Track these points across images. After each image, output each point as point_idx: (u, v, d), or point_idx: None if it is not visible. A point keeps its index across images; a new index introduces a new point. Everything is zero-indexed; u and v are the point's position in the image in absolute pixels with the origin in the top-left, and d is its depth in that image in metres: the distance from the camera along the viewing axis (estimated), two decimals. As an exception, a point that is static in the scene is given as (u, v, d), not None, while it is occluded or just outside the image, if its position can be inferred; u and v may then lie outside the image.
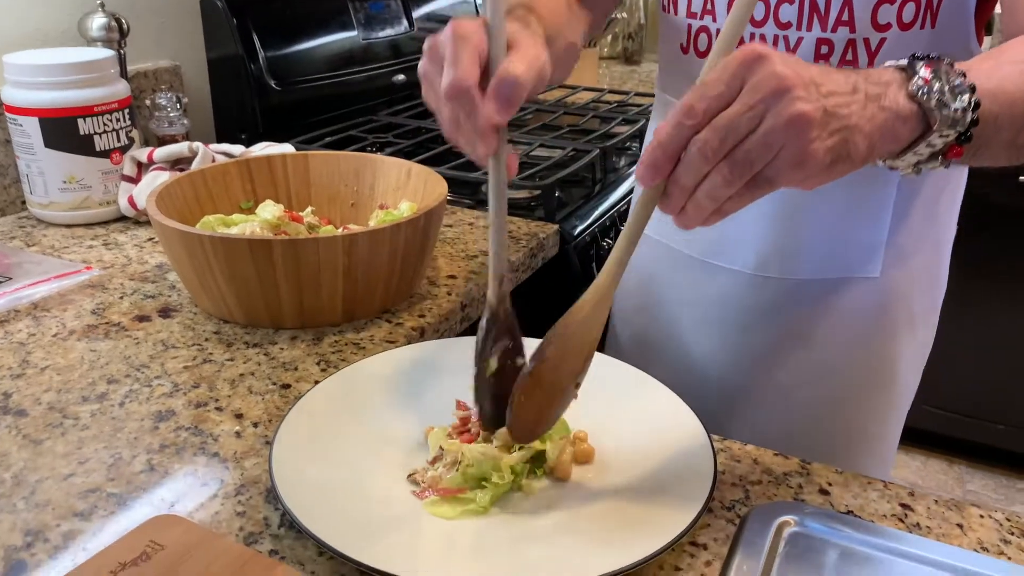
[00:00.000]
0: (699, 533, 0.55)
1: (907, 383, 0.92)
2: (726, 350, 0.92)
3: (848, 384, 0.89)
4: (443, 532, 0.53)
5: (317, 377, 0.73)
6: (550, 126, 1.52)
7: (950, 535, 0.55)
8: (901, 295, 0.86)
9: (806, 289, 0.86)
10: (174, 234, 0.78)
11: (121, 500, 0.58)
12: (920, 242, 0.85)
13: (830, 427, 0.91)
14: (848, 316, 0.86)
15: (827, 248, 0.84)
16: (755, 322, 0.89)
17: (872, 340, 0.88)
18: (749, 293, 0.88)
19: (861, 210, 0.82)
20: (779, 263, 0.85)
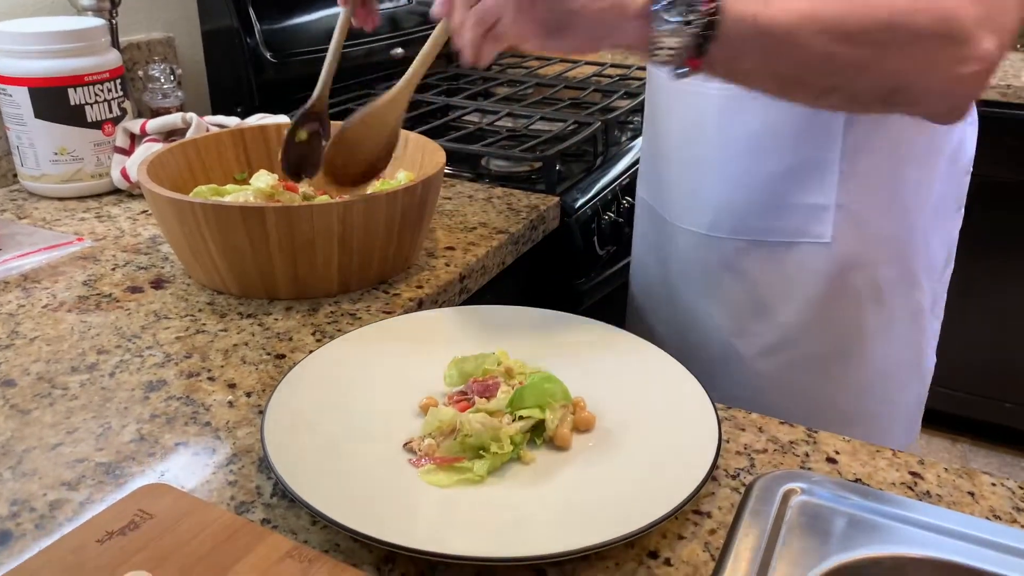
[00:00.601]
0: (703, 501, 0.53)
1: (880, 359, 0.88)
2: (691, 316, 0.94)
3: (808, 355, 0.88)
4: (439, 500, 0.51)
5: (312, 347, 0.71)
6: (551, 99, 1.49)
7: (961, 503, 0.54)
8: (860, 263, 0.84)
9: (757, 251, 0.86)
10: (165, 202, 0.76)
11: (110, 470, 0.56)
12: (879, 209, 0.83)
13: (795, 400, 0.89)
14: (801, 282, 0.86)
15: (775, 209, 0.84)
16: (713, 286, 0.90)
17: (830, 309, 0.86)
18: (705, 254, 0.90)
19: (806, 171, 0.82)
20: (730, 223, 0.87)
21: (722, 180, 0.86)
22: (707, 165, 0.87)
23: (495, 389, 0.59)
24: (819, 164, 0.81)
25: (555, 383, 0.59)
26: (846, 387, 0.89)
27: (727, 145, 0.85)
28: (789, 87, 0.65)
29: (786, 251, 0.85)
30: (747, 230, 0.87)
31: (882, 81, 0.62)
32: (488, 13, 0.62)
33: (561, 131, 1.28)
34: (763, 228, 0.86)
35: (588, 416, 0.59)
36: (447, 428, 0.56)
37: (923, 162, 0.83)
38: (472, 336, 0.69)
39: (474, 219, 1.00)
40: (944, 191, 0.87)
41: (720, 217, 0.88)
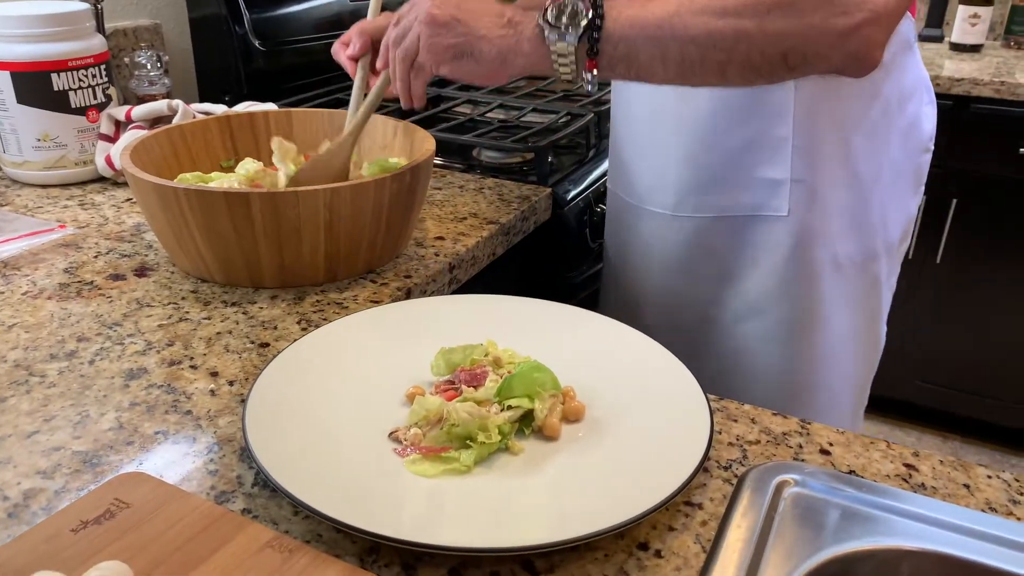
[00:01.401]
0: (695, 493, 0.52)
1: (839, 328, 0.91)
2: (666, 290, 0.98)
3: (775, 322, 0.91)
4: (424, 490, 0.50)
5: (297, 336, 0.70)
6: (543, 91, 1.48)
7: (956, 495, 0.53)
8: (819, 236, 0.87)
9: (720, 227, 0.91)
10: (148, 188, 0.75)
11: (87, 459, 0.55)
12: (837, 183, 0.86)
13: (769, 370, 0.93)
14: (763, 254, 0.90)
15: (734, 185, 0.88)
16: (683, 263, 0.95)
17: (792, 280, 0.89)
18: (671, 235, 0.94)
19: (761, 146, 0.86)
20: (693, 202, 0.91)
21: (683, 161, 0.90)
22: (668, 147, 0.91)
23: (483, 378, 0.58)
24: (773, 139, 0.85)
25: (544, 372, 0.58)
26: (809, 355, 0.93)
27: (685, 126, 0.89)
28: (688, 70, 0.69)
29: (747, 225, 0.90)
30: (709, 207, 0.91)
31: (770, 46, 0.66)
32: (408, 49, 0.75)
33: (553, 123, 1.27)
34: (724, 205, 0.90)
35: (578, 406, 0.57)
36: (434, 417, 0.54)
37: (874, 135, 0.86)
38: (460, 325, 0.67)
39: (464, 209, 0.99)
40: (900, 167, 0.90)
41: (683, 197, 0.92)
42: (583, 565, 0.46)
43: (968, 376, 2.10)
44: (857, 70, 0.71)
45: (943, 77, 1.87)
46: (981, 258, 1.99)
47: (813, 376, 0.94)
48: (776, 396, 0.94)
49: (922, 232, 1.99)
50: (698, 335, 0.97)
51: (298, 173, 0.83)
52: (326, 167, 0.83)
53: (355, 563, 0.46)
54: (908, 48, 0.88)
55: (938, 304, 2.06)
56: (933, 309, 2.06)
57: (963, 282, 2.03)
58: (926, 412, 2.21)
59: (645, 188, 0.96)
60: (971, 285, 2.02)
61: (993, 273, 2.00)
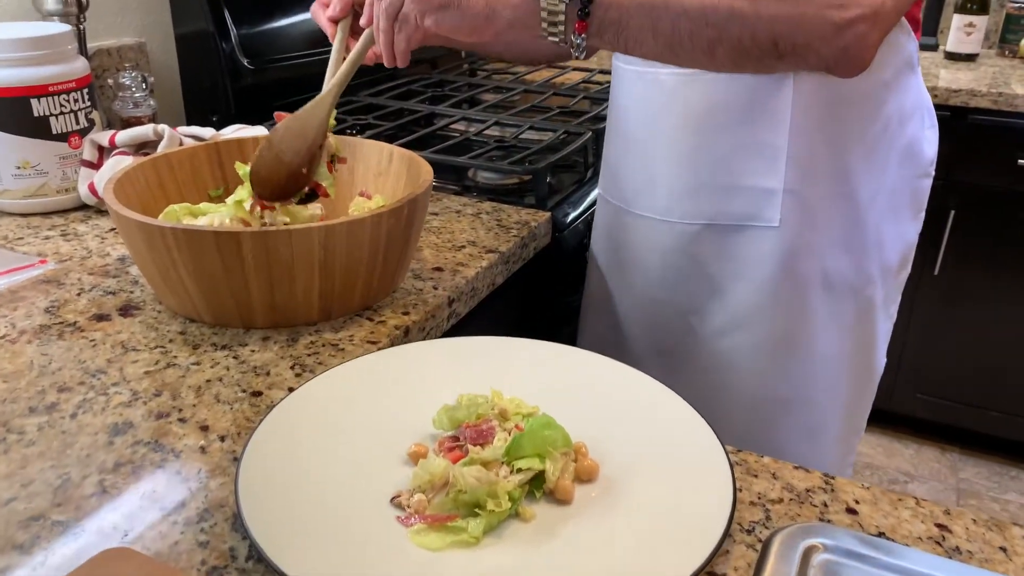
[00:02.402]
0: (718, 561, 0.49)
1: (826, 349, 0.89)
2: (649, 299, 0.96)
3: (757, 338, 0.89)
4: (430, 567, 0.47)
5: (291, 383, 0.67)
6: (539, 107, 1.45)
7: (993, 560, 0.50)
8: (809, 251, 0.85)
9: (709, 236, 0.88)
10: (133, 225, 0.71)
11: (68, 529, 0.51)
12: (831, 198, 0.84)
13: (745, 382, 0.90)
14: (751, 266, 0.87)
15: (724, 192, 0.86)
16: (669, 271, 0.92)
17: (778, 294, 0.87)
18: (660, 240, 0.92)
19: (754, 153, 0.83)
20: (682, 207, 0.88)
21: (674, 163, 0.87)
22: (659, 148, 0.89)
23: (490, 435, 0.55)
24: (767, 146, 0.82)
25: (555, 429, 0.54)
26: (789, 375, 0.90)
27: (677, 126, 0.86)
28: (677, 44, 0.69)
29: (737, 234, 0.87)
30: (699, 214, 0.88)
31: (762, 29, 0.67)
32: (392, 3, 0.75)
33: (551, 141, 1.24)
34: (714, 212, 0.87)
35: (591, 464, 0.54)
36: (439, 482, 0.51)
37: (873, 154, 0.84)
38: (463, 371, 0.64)
39: (462, 237, 0.96)
40: (898, 189, 0.87)
41: (673, 202, 0.89)
42: (604, 650, 0.43)
43: (967, 388, 2.08)
44: (847, 68, 0.70)
45: (940, 88, 1.86)
46: (979, 270, 1.98)
47: (796, 395, 0.91)
48: (757, 414, 0.92)
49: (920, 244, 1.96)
50: (680, 348, 0.94)
51: (271, 134, 0.79)
52: (301, 128, 0.79)
53: (358, 651, 0.43)
54: (910, 68, 0.85)
55: (936, 316, 2.04)
56: (931, 321, 2.05)
57: (961, 294, 2.01)
58: (925, 424, 2.19)
59: (634, 191, 0.94)
60: (969, 297, 2.01)
61: (992, 284, 1.98)
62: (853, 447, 1.00)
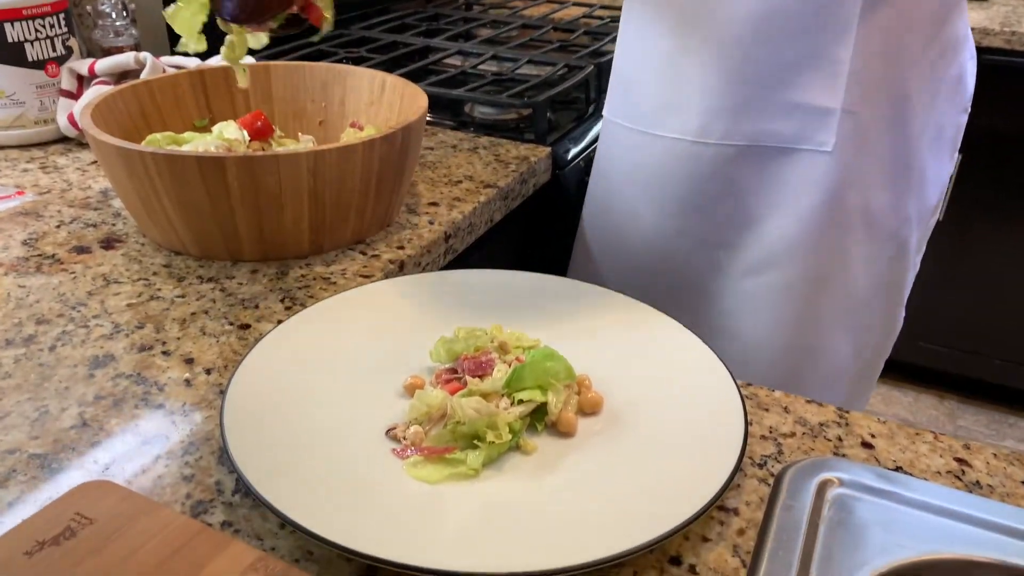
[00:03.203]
0: (728, 496, 0.47)
1: (860, 289, 0.84)
2: (675, 234, 0.86)
3: (794, 278, 0.82)
4: (427, 500, 0.44)
5: (281, 316, 0.64)
6: (537, 41, 1.40)
7: (1015, 494, 0.48)
8: (856, 182, 0.78)
9: (748, 159, 0.79)
10: (112, 151, 0.68)
11: (45, 463, 0.49)
12: (886, 125, 0.77)
13: (775, 331, 0.84)
14: (794, 195, 0.79)
15: (773, 109, 0.76)
16: (696, 199, 0.83)
17: (823, 229, 0.79)
18: (686, 165, 0.82)
19: (813, 66, 0.74)
20: (722, 126, 0.78)
21: (715, 75, 0.77)
22: (694, 60, 0.78)
23: (489, 367, 0.52)
24: (828, 59, 0.74)
25: (557, 360, 0.52)
26: (823, 317, 0.84)
27: (721, 35, 0.76)
28: None
29: (781, 159, 0.78)
30: (740, 134, 0.78)
31: None
32: None
33: (550, 76, 1.19)
34: (759, 132, 0.78)
35: (595, 397, 0.52)
36: (436, 414, 0.49)
37: (926, 82, 0.78)
38: (461, 304, 0.61)
39: (459, 172, 0.92)
40: (941, 125, 0.82)
41: (709, 120, 0.79)
42: (609, 585, 0.41)
43: (967, 336, 2.07)
44: None
45: (951, 27, 1.80)
46: (985, 216, 1.94)
47: (820, 342, 0.86)
48: (777, 362, 0.86)
49: (925, 189, 1.93)
50: (699, 287, 0.87)
51: None
52: None
53: (351, 586, 0.41)
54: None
55: (939, 263, 2.01)
56: (934, 269, 2.01)
57: (966, 241, 1.98)
58: (923, 372, 2.18)
59: (657, 110, 0.83)
60: (974, 244, 1.98)
61: (997, 231, 1.95)
62: (868, 393, 0.96)
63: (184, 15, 0.59)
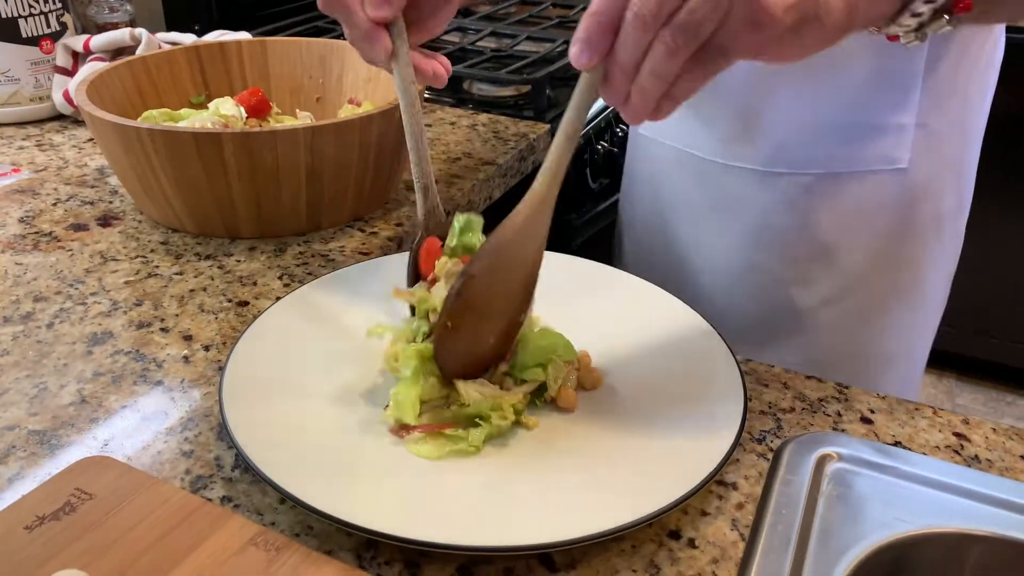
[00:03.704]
0: (727, 470, 0.47)
1: (934, 296, 0.82)
2: (740, 268, 0.81)
3: (872, 299, 0.78)
4: (426, 474, 0.45)
5: (279, 293, 0.64)
6: (536, 17, 1.38)
7: (1014, 469, 0.48)
8: (929, 191, 0.75)
9: (824, 187, 0.74)
10: (108, 128, 0.67)
11: (45, 439, 0.49)
12: (952, 127, 0.74)
13: (853, 350, 0.80)
14: (868, 218, 0.75)
15: (846, 133, 0.73)
16: (768, 231, 0.78)
17: (898, 246, 0.76)
18: (759, 194, 0.77)
19: (887, 84, 0.70)
20: (794, 155, 0.74)
21: (790, 101, 0.72)
22: (771, 83, 0.73)
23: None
24: (902, 75, 0.70)
25: (555, 337, 0.52)
26: (901, 330, 0.81)
27: None
28: None
29: (857, 183, 0.73)
30: (815, 162, 0.73)
31: None
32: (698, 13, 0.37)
33: (549, 52, 1.18)
34: (830, 157, 0.73)
35: (594, 373, 0.52)
36: None
37: (983, 75, 0.75)
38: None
39: (457, 149, 0.92)
40: (986, 112, 0.80)
41: (782, 149, 0.74)
42: (608, 559, 0.41)
43: (966, 314, 2.06)
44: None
45: (954, 3, 1.78)
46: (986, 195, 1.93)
47: (899, 346, 0.82)
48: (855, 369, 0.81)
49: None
50: (771, 324, 0.80)
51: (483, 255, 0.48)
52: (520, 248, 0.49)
53: (351, 560, 0.41)
54: None
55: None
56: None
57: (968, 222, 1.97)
58: (922, 350, 2.18)
59: (722, 137, 0.77)
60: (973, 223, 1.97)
61: (997, 212, 1.94)
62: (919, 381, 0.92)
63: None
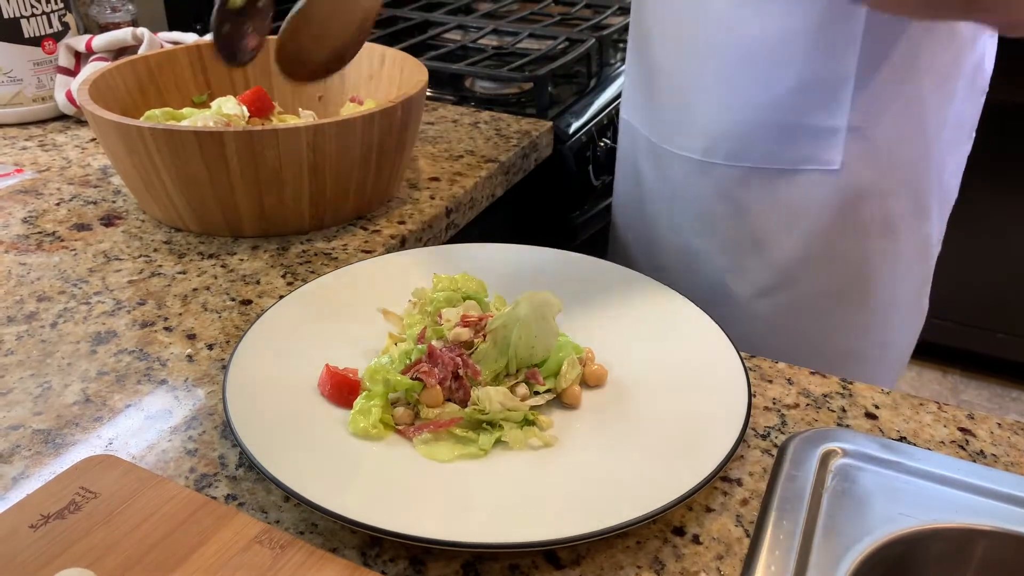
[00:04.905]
0: (732, 467, 0.47)
1: (889, 299, 0.82)
2: (685, 251, 0.85)
3: (807, 295, 0.80)
4: (431, 472, 0.44)
5: (282, 292, 0.64)
6: (538, 15, 1.38)
7: (1020, 464, 0.48)
8: (872, 193, 0.76)
9: (757, 180, 0.77)
10: (110, 127, 0.67)
11: (49, 438, 0.49)
12: (897, 135, 0.74)
13: (789, 343, 0.81)
14: (804, 214, 0.77)
15: (780, 132, 0.75)
16: (704, 220, 0.81)
17: (835, 244, 0.77)
18: (697, 182, 0.80)
19: (818, 87, 0.72)
20: (728, 147, 0.77)
21: (722, 97, 0.76)
22: (706, 79, 0.77)
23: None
24: (833, 79, 0.72)
25: (560, 337, 0.52)
26: (844, 328, 0.82)
27: (731, 55, 0.74)
28: None
29: (790, 180, 0.76)
30: (747, 156, 0.77)
31: None
32: None
33: (551, 49, 1.18)
34: (766, 154, 0.76)
35: (598, 370, 0.52)
36: None
37: (943, 82, 0.75)
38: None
39: (460, 146, 0.92)
40: (961, 115, 0.79)
41: (717, 141, 0.78)
42: (613, 555, 0.41)
43: (971, 310, 2.06)
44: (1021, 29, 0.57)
45: (957, -3, 1.77)
46: (990, 190, 1.93)
47: (845, 349, 0.83)
48: None
49: (929, 162, 1.91)
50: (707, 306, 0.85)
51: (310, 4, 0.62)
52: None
53: (355, 558, 0.41)
54: None
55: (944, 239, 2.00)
56: (938, 242, 2.01)
57: (970, 215, 1.96)
58: (927, 346, 2.17)
59: (668, 125, 0.82)
60: (978, 218, 1.97)
61: (1001, 205, 1.94)
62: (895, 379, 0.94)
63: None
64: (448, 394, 0.48)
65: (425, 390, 0.48)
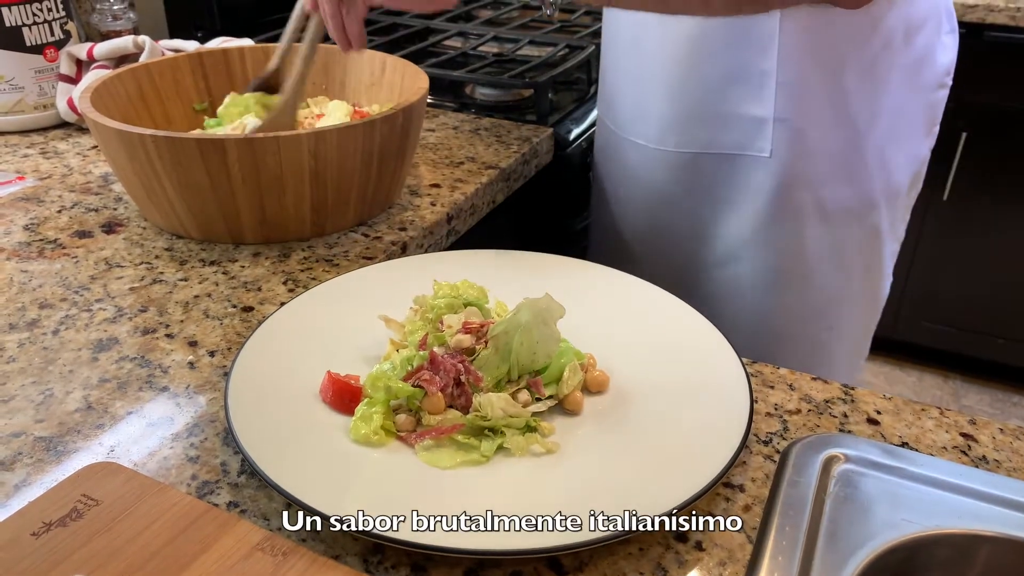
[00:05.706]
0: (734, 473, 0.47)
1: (828, 285, 0.85)
2: (652, 230, 0.92)
3: (751, 272, 0.85)
4: (433, 479, 0.44)
5: (284, 298, 0.64)
6: (538, 22, 1.38)
7: (1022, 469, 0.48)
8: (803, 182, 0.80)
9: (702, 164, 0.84)
10: (112, 134, 0.67)
11: (51, 445, 0.49)
12: (824, 125, 0.78)
13: (743, 315, 0.87)
14: (743, 197, 0.83)
15: (714, 121, 0.82)
16: (667, 198, 0.88)
17: (772, 228, 0.82)
18: (654, 168, 0.88)
19: (743, 80, 0.78)
20: (674, 136, 0.85)
21: (663, 90, 0.84)
22: (650, 77, 0.85)
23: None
24: (756, 72, 0.77)
25: (562, 343, 0.52)
26: (787, 311, 0.86)
27: (666, 54, 0.82)
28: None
29: (729, 164, 0.83)
30: (690, 143, 0.84)
31: None
32: None
33: (551, 56, 1.18)
34: (706, 141, 0.83)
35: (600, 375, 0.52)
36: None
37: (871, 73, 0.78)
38: (464, 284, 0.61)
39: (461, 153, 0.92)
40: (904, 107, 0.81)
41: (664, 130, 0.85)
42: (615, 561, 0.41)
43: (971, 315, 2.06)
44: (856, 1, 0.66)
45: (956, 3, 1.78)
46: (990, 194, 1.93)
47: (794, 330, 0.87)
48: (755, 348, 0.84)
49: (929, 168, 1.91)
50: (684, 274, 0.91)
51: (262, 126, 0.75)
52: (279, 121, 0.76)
53: (358, 565, 0.41)
54: None
55: (944, 243, 2.01)
56: (939, 248, 2.01)
57: (970, 220, 1.97)
58: (927, 352, 2.18)
59: (628, 118, 0.89)
60: (978, 223, 1.97)
61: (1000, 210, 1.94)
62: (858, 368, 0.97)
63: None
64: (450, 401, 0.48)
65: (427, 397, 0.48)
